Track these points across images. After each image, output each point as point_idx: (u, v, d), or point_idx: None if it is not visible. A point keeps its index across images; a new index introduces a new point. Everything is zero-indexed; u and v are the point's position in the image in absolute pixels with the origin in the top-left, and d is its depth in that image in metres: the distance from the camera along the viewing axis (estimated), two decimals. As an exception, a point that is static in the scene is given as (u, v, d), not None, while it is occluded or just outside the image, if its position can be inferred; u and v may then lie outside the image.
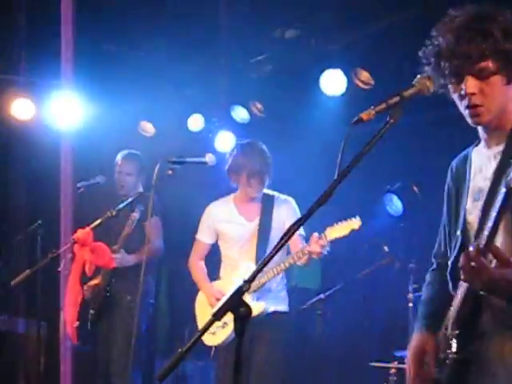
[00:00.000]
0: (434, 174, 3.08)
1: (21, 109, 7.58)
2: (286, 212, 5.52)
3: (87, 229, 5.05)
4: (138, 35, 7.32)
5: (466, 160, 2.95)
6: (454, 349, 2.63)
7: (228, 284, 5.42)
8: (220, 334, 5.22)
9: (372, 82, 6.98)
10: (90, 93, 7.95)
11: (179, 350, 2.33)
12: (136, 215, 6.05)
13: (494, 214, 2.44)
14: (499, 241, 2.59)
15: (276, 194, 5.61)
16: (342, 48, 7.22)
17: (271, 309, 5.32)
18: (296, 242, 5.28)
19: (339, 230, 4.97)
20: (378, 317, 6.97)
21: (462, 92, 2.66)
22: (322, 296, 7.03)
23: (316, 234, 5.00)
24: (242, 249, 5.46)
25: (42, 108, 7.77)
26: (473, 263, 2.41)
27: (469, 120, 2.72)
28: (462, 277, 2.52)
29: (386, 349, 6.48)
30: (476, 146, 2.90)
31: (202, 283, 5.55)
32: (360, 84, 7.04)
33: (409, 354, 2.91)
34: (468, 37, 2.60)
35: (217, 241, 5.70)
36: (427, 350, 2.82)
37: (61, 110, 7.72)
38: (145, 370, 6.55)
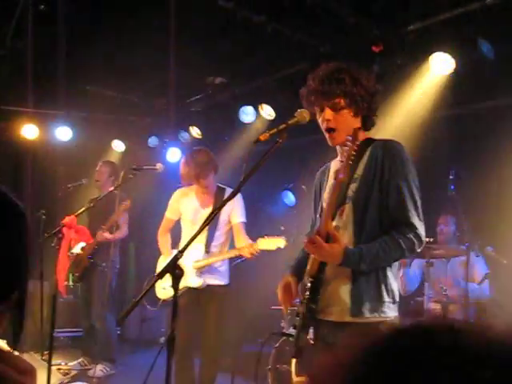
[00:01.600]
0: (313, 177, 3.09)
1: (28, 131, 7.73)
2: (232, 203, 4.82)
3: (72, 216, 5.09)
4: (111, 77, 7.35)
5: (326, 168, 3.01)
6: (307, 293, 2.69)
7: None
8: (168, 290, 4.77)
9: (274, 114, 7.18)
10: (78, 120, 8.19)
11: (132, 299, 2.40)
12: (127, 205, 6.07)
13: (330, 199, 2.61)
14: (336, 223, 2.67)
15: (227, 188, 5.12)
16: (252, 90, 7.37)
17: (210, 282, 4.88)
18: (236, 227, 4.98)
19: (268, 243, 4.60)
20: (278, 273, 6.82)
21: (321, 119, 2.76)
22: (239, 260, 7.19)
23: (249, 242, 4.69)
24: (191, 228, 4.96)
25: (44, 130, 7.96)
26: (310, 243, 2.55)
27: (328, 141, 2.77)
28: (306, 249, 2.65)
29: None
30: (334, 158, 2.94)
31: (162, 250, 5.16)
32: (265, 116, 7.25)
33: (279, 285, 2.93)
34: (328, 81, 2.69)
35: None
36: (291, 284, 2.86)
37: (57, 132, 8.02)
38: (117, 314, 6.51)
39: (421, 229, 2.62)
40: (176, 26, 6.71)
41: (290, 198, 7.86)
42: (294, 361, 2.80)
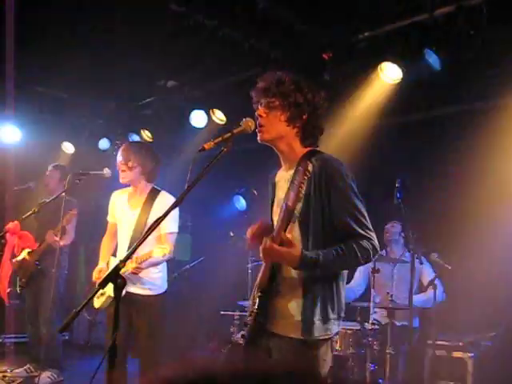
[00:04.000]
0: (264, 182, 3.08)
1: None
2: (164, 205, 4.45)
3: (16, 222, 4.97)
4: (62, 80, 7.28)
5: (274, 176, 2.98)
6: (256, 306, 2.66)
7: (113, 261, 4.65)
8: (101, 299, 4.49)
9: (225, 119, 7.14)
10: (27, 121, 7.99)
11: (73, 310, 2.35)
12: (75, 212, 5.98)
13: (280, 220, 2.60)
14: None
15: (162, 191, 4.73)
16: (203, 94, 7.32)
17: (131, 290, 4.39)
18: (164, 237, 4.53)
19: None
20: (228, 279, 6.90)
21: (256, 113, 2.76)
22: (188, 266, 7.27)
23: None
24: (123, 232, 4.66)
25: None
26: (267, 245, 2.54)
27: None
28: (261, 255, 2.62)
29: (231, 301, 6.46)
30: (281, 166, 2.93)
31: (100, 254, 4.80)
32: (216, 120, 7.21)
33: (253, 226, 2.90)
34: (269, 81, 2.73)
35: None
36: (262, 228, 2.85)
37: (5, 133, 7.90)
38: (64, 319, 6.46)
39: (374, 238, 2.66)
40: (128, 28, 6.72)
41: (241, 202, 7.85)
42: None
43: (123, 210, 4.75)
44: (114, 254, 4.79)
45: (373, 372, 5.02)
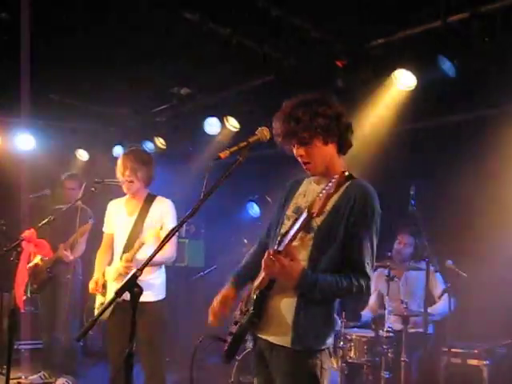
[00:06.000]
0: (278, 189, 3.07)
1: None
2: (161, 209, 4.60)
3: (32, 229, 4.98)
4: (76, 88, 7.33)
5: (297, 183, 2.96)
6: (252, 307, 2.69)
7: (108, 271, 4.62)
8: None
9: (238, 126, 7.16)
10: (41, 129, 8.10)
11: (90, 319, 2.46)
12: (89, 227, 6.03)
13: (295, 227, 2.54)
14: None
15: (158, 196, 4.74)
16: (217, 101, 7.37)
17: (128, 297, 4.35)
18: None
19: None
20: None
21: (295, 155, 2.76)
22: (202, 273, 7.33)
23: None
24: (119, 239, 4.65)
25: (5, 139, 7.89)
26: (271, 257, 2.52)
27: (307, 173, 2.79)
28: (263, 267, 2.59)
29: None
30: (309, 177, 2.89)
31: (96, 267, 4.76)
32: (230, 127, 7.23)
33: (218, 296, 2.95)
34: (287, 122, 2.69)
35: None
36: (229, 298, 2.93)
37: (19, 140, 7.97)
38: (81, 325, 6.52)
39: (371, 279, 2.67)
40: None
41: (255, 209, 7.86)
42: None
43: (120, 217, 4.73)
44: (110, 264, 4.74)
45: (388, 380, 5.01)
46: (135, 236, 4.47)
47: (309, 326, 2.64)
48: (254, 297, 2.70)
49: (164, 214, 4.61)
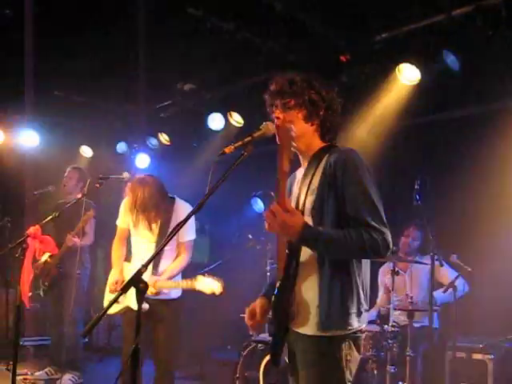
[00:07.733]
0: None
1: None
2: (183, 212, 4.62)
3: (37, 226, 4.96)
4: (80, 85, 7.45)
5: (294, 175, 2.91)
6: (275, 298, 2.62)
7: (129, 268, 4.68)
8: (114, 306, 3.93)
9: (242, 121, 7.19)
10: (45, 125, 8.08)
11: (96, 314, 2.29)
12: (91, 214, 6.00)
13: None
14: None
15: (176, 198, 4.77)
16: (221, 97, 7.40)
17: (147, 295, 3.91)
18: (183, 246, 4.66)
19: (204, 286, 4.36)
20: (246, 281, 6.59)
21: (273, 116, 2.73)
22: (207, 269, 6.98)
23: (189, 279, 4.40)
24: (144, 245, 4.68)
25: (10, 135, 7.89)
26: (272, 208, 2.42)
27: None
28: (266, 225, 2.49)
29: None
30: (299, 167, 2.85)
31: (113, 262, 4.80)
32: (233, 123, 7.26)
33: (248, 309, 2.84)
34: (281, 82, 2.70)
35: None
36: (259, 308, 2.80)
37: (23, 136, 7.96)
38: (86, 319, 6.58)
39: (387, 233, 2.54)
40: (145, 32, 6.79)
41: (259, 204, 7.85)
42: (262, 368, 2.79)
43: (141, 223, 4.68)
44: (126, 259, 4.78)
45: (393, 374, 5.02)
46: (160, 242, 4.48)
47: (332, 312, 2.57)
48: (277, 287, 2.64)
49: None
